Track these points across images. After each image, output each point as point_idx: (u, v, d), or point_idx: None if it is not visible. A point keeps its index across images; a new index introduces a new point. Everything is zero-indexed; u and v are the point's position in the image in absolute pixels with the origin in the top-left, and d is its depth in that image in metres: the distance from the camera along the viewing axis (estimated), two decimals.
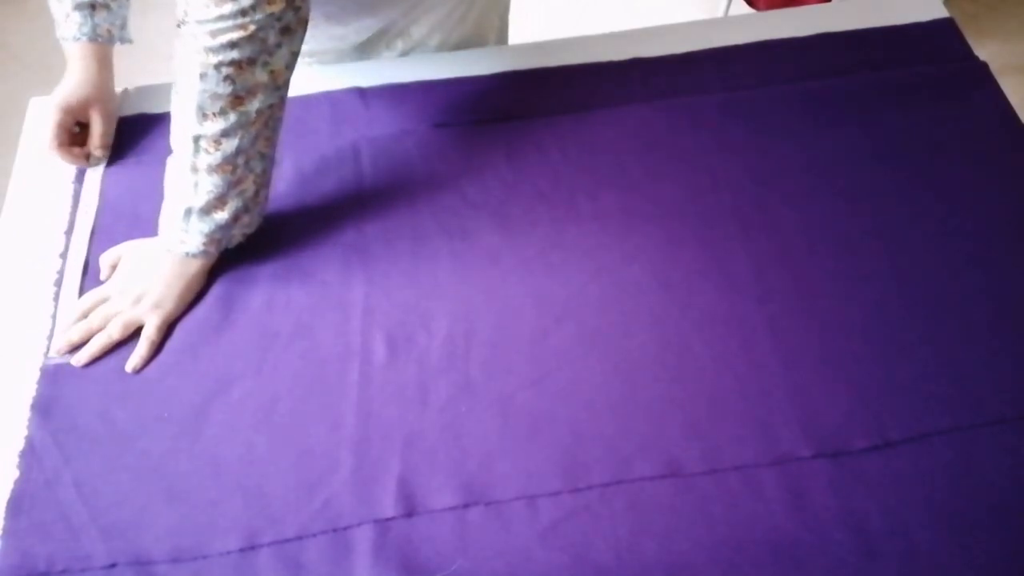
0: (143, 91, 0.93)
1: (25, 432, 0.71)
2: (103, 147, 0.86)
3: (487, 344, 0.74)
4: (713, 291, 0.76)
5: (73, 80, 0.83)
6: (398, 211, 0.83)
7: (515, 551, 0.64)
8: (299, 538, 0.65)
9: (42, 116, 0.91)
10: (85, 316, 0.75)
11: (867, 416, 0.69)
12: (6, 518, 0.67)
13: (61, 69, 0.84)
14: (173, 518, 0.66)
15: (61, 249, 0.82)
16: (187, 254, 0.74)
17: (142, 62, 0.87)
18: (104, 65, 0.85)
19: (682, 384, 0.71)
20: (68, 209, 0.84)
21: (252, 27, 0.63)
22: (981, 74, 0.90)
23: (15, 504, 0.67)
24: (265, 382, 0.72)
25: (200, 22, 0.63)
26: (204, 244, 0.73)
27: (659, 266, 0.78)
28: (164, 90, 0.92)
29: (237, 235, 0.76)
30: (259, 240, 0.80)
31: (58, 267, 0.80)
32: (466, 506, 0.66)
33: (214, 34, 0.63)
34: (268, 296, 0.77)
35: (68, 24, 0.82)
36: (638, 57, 0.93)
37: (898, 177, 0.83)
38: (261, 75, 0.66)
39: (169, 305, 0.75)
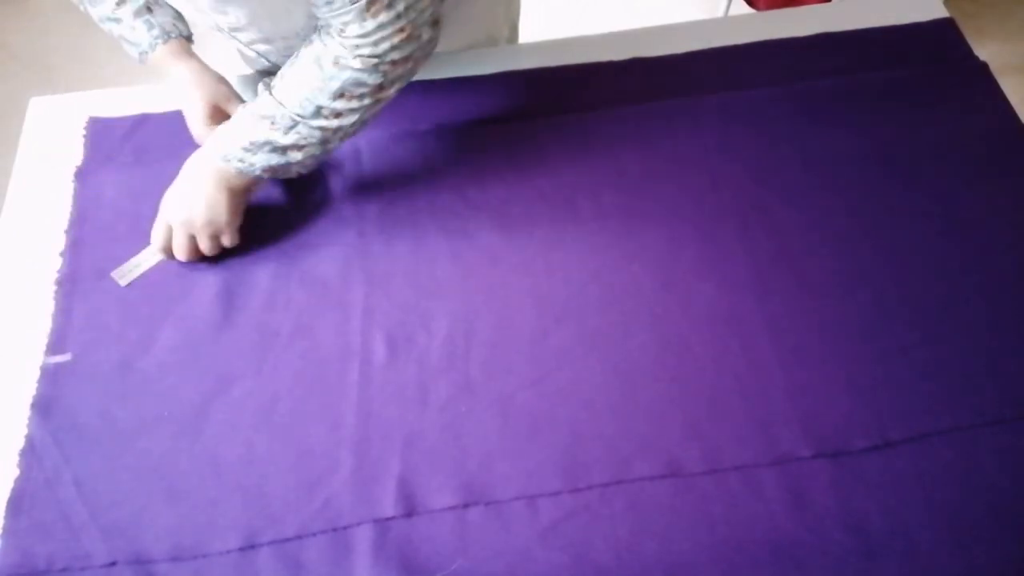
0: (143, 91, 0.93)
1: (25, 431, 0.71)
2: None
3: (487, 344, 0.74)
4: (713, 291, 0.76)
5: (193, 84, 0.81)
6: (398, 211, 0.83)
7: (515, 551, 0.64)
8: (299, 537, 0.65)
9: (42, 116, 0.91)
10: (161, 244, 0.78)
11: (867, 416, 0.69)
12: (6, 517, 0.67)
13: (61, 69, 0.84)
14: (173, 517, 0.66)
15: (61, 249, 0.82)
16: (239, 171, 0.75)
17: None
18: (193, 55, 0.83)
19: (682, 384, 0.71)
20: (68, 209, 0.84)
21: (409, 28, 0.67)
22: (981, 74, 0.90)
23: (15, 503, 0.67)
24: (265, 382, 0.73)
25: (361, 35, 0.66)
26: (262, 170, 0.75)
27: (659, 266, 0.78)
28: (164, 90, 0.93)
29: (293, 172, 0.77)
30: (259, 240, 0.80)
31: (58, 267, 0.80)
32: (466, 506, 0.66)
33: (377, 43, 0.67)
34: (268, 296, 0.77)
35: (138, 34, 0.80)
36: (638, 57, 0.93)
37: (898, 177, 0.83)
38: (409, 66, 0.71)
39: (222, 220, 0.76)
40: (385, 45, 0.67)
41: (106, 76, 1.67)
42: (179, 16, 0.83)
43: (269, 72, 0.93)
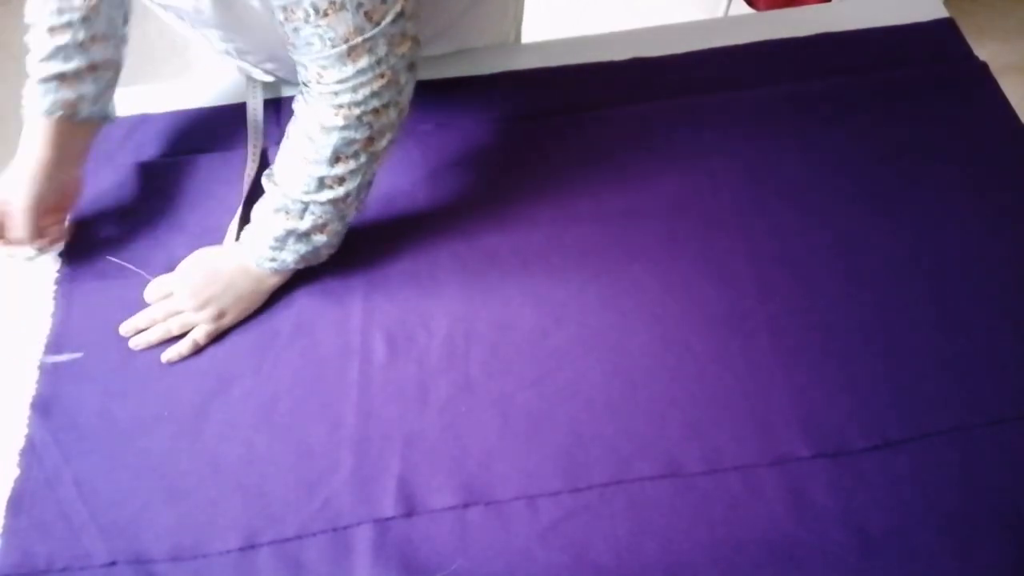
0: (143, 91, 0.93)
1: (25, 431, 0.71)
2: (35, 244, 0.77)
3: (487, 344, 0.74)
4: (713, 291, 0.76)
5: (11, 168, 0.75)
6: (398, 211, 0.83)
7: (515, 551, 0.64)
8: (299, 537, 0.65)
9: None
10: (152, 297, 0.76)
11: (867, 416, 0.69)
12: (6, 516, 0.67)
13: None
14: (173, 517, 0.66)
15: (61, 249, 0.82)
16: (274, 271, 0.75)
17: (142, 62, 0.87)
18: (47, 146, 0.74)
19: (682, 384, 0.71)
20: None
21: (389, 73, 0.65)
22: (981, 74, 0.90)
23: (15, 502, 0.67)
24: (265, 381, 0.73)
25: (341, 81, 0.64)
26: (295, 263, 0.74)
27: (659, 266, 0.78)
28: (164, 90, 0.93)
29: (324, 255, 0.76)
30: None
31: (58, 267, 0.80)
32: (466, 506, 0.66)
33: (355, 88, 0.64)
34: (268, 296, 0.77)
35: (29, 96, 0.74)
36: (638, 57, 0.93)
37: (898, 177, 0.83)
38: (392, 114, 0.68)
39: (230, 318, 0.75)
40: (365, 91, 0.64)
41: None
42: (98, 96, 0.77)
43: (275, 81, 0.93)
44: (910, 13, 0.96)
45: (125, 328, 0.75)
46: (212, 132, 0.89)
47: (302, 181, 0.69)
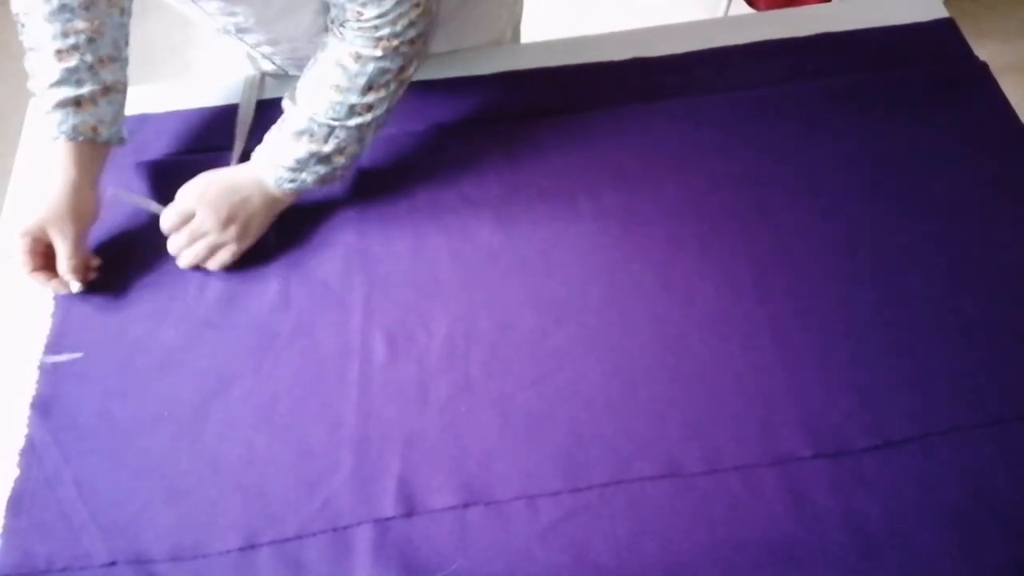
0: (143, 91, 0.93)
1: (25, 431, 0.71)
2: (72, 272, 0.75)
3: (487, 344, 0.74)
4: (713, 291, 0.76)
5: (38, 194, 0.74)
6: (398, 211, 0.83)
7: (515, 551, 0.64)
8: (299, 537, 0.65)
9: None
10: (171, 227, 0.77)
11: (867, 416, 0.69)
12: (6, 516, 0.67)
13: None
14: (173, 517, 0.66)
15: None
16: (292, 190, 0.77)
17: (142, 62, 0.87)
18: (80, 172, 0.74)
19: (682, 384, 0.71)
20: None
21: (424, 2, 0.69)
22: (981, 74, 0.90)
23: (15, 502, 0.67)
24: (265, 381, 0.73)
25: (381, 15, 0.68)
26: (314, 184, 0.76)
27: (659, 266, 0.78)
28: (164, 90, 0.93)
29: (338, 176, 0.78)
30: (259, 240, 0.80)
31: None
32: (466, 506, 0.66)
33: (395, 20, 0.68)
34: (268, 296, 0.77)
35: (46, 123, 0.73)
36: (638, 57, 0.93)
37: (898, 177, 0.83)
38: (421, 43, 0.72)
39: (251, 237, 0.78)
40: (403, 22, 0.68)
41: None
42: (114, 119, 0.77)
43: (274, 75, 0.93)
44: (910, 13, 0.96)
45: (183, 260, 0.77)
46: (212, 132, 0.89)
47: (331, 107, 0.72)
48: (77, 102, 0.74)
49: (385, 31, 0.69)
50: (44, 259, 0.75)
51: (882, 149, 0.85)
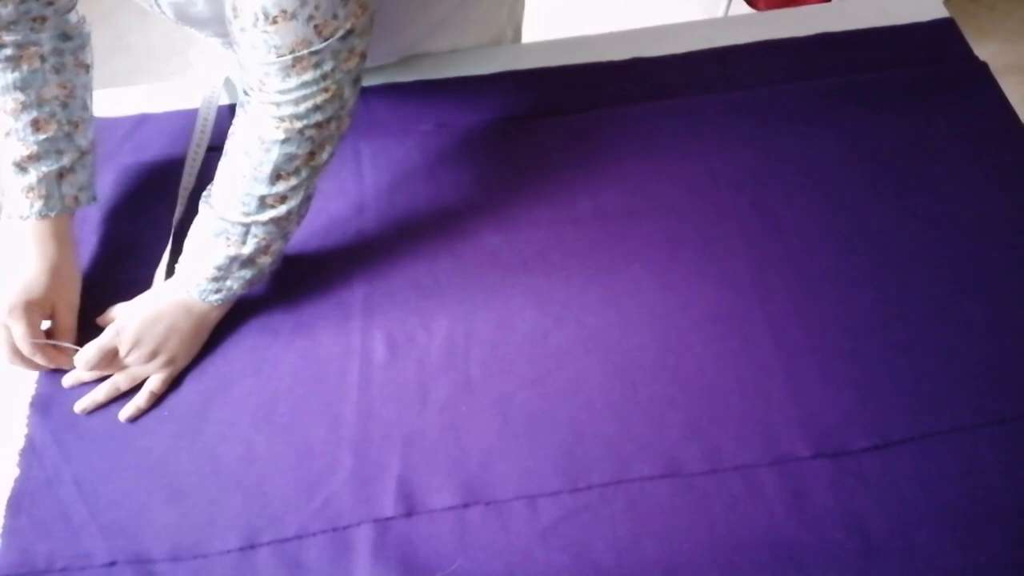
0: (143, 91, 0.93)
1: (25, 431, 0.71)
2: (71, 339, 0.73)
3: (487, 344, 0.74)
4: (713, 291, 0.76)
5: (32, 270, 0.71)
6: (398, 211, 0.83)
7: (515, 551, 0.64)
8: (299, 537, 0.65)
9: None
10: (89, 365, 0.70)
11: (867, 416, 0.69)
12: (6, 516, 0.67)
13: None
14: (173, 517, 0.66)
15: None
16: (220, 302, 0.72)
17: (142, 62, 0.87)
18: (70, 242, 0.74)
19: (682, 384, 0.71)
20: None
21: (333, 87, 0.63)
22: (981, 74, 0.90)
23: (15, 502, 0.67)
24: (265, 381, 0.73)
25: (283, 92, 0.62)
26: (241, 289, 0.72)
27: (659, 266, 0.78)
28: (164, 90, 0.93)
29: (267, 273, 0.74)
30: None
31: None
32: (466, 506, 0.66)
33: (298, 102, 0.62)
34: (268, 296, 0.77)
35: (31, 199, 0.71)
36: (638, 57, 0.93)
37: (898, 177, 0.83)
38: (334, 127, 0.66)
39: (182, 361, 0.73)
40: (307, 105, 0.62)
41: (106, 76, 1.67)
42: (91, 182, 0.76)
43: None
44: (910, 13, 0.96)
45: (79, 405, 0.71)
46: (212, 132, 0.89)
47: (240, 203, 0.67)
48: (60, 174, 0.72)
49: (287, 110, 0.62)
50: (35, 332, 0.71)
51: (882, 149, 0.85)
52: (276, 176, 0.66)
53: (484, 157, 0.86)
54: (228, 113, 0.89)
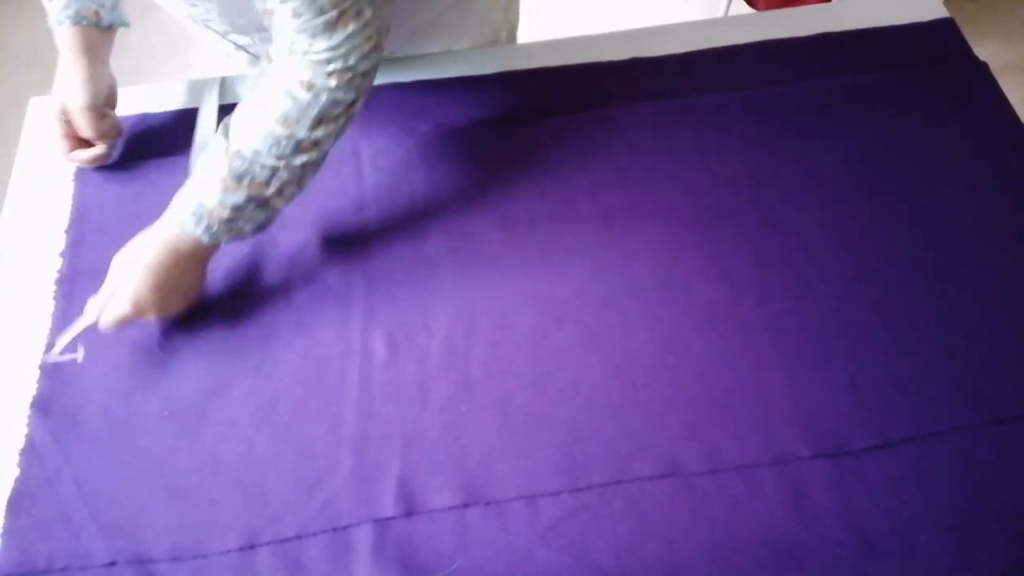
0: (143, 91, 0.93)
1: (25, 431, 0.71)
2: (98, 140, 0.83)
3: (487, 344, 0.74)
4: (713, 291, 0.76)
5: (60, 77, 0.80)
6: (398, 211, 0.83)
7: (515, 551, 0.64)
8: (299, 537, 0.65)
9: (41, 116, 0.92)
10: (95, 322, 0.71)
11: (867, 416, 0.69)
12: (6, 516, 0.67)
13: None
14: (173, 516, 0.66)
15: (61, 249, 0.82)
16: (229, 241, 0.71)
17: (142, 62, 0.87)
18: (87, 52, 0.79)
19: (682, 384, 0.71)
20: (68, 209, 0.84)
21: (375, 36, 0.65)
22: (981, 74, 0.90)
23: (15, 502, 0.67)
24: (265, 381, 0.73)
25: (332, 48, 0.63)
26: (252, 232, 0.71)
27: (659, 266, 0.78)
28: (164, 90, 0.93)
29: (273, 220, 0.73)
30: (259, 239, 0.80)
31: (58, 267, 0.80)
32: (466, 506, 0.66)
33: (347, 55, 0.64)
34: (268, 296, 0.77)
35: (52, 7, 0.79)
36: (638, 57, 0.93)
37: (898, 177, 0.83)
38: (371, 78, 0.68)
39: (192, 297, 0.74)
40: (356, 56, 0.64)
41: None
42: (114, 4, 0.81)
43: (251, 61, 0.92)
44: (910, 13, 0.96)
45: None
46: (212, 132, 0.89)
47: (276, 142, 0.66)
48: None
49: (337, 64, 0.64)
50: (78, 141, 0.83)
51: (882, 149, 0.85)
52: (319, 121, 0.66)
53: (484, 157, 0.86)
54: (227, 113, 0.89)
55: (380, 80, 0.92)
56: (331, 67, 0.64)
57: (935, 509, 0.64)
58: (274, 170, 0.67)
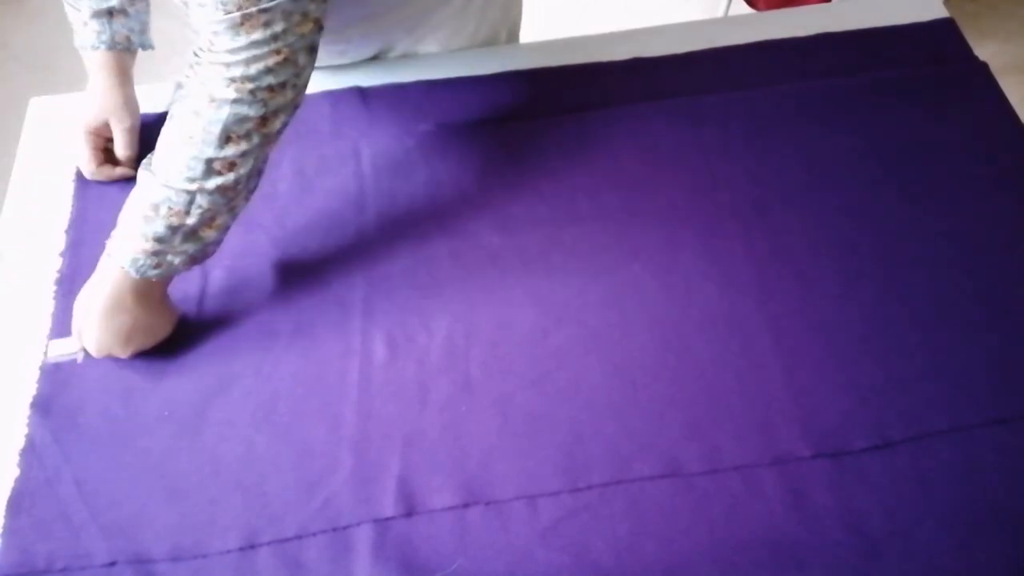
0: (143, 91, 0.93)
1: (25, 431, 0.71)
2: (127, 159, 0.86)
3: (487, 344, 0.74)
4: (713, 291, 0.76)
5: (93, 96, 0.84)
6: (398, 211, 0.83)
7: (515, 551, 0.64)
8: (299, 537, 0.65)
9: (42, 116, 0.92)
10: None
11: (867, 416, 0.69)
12: (6, 516, 0.67)
13: (61, 69, 0.84)
14: (173, 517, 0.66)
15: (61, 249, 0.82)
16: (158, 277, 0.68)
17: (142, 62, 0.87)
18: (122, 74, 0.84)
19: (682, 384, 0.71)
20: (68, 209, 0.84)
21: (285, 51, 0.62)
22: (981, 74, 0.90)
23: (15, 502, 0.67)
24: (265, 381, 0.73)
25: (232, 51, 0.60)
26: (182, 265, 0.68)
27: (659, 266, 0.78)
28: (164, 90, 0.93)
29: (210, 252, 0.70)
30: (259, 240, 0.81)
31: (58, 267, 0.80)
32: (466, 506, 0.66)
33: (248, 62, 0.61)
34: (268, 296, 0.77)
35: (86, 32, 0.81)
36: (638, 57, 0.93)
37: (898, 177, 0.83)
38: (289, 95, 0.65)
39: (163, 332, 0.74)
40: (258, 66, 0.61)
41: None
42: (143, 29, 0.84)
43: None
44: (910, 13, 0.96)
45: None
46: None
47: (185, 167, 0.63)
48: (110, 13, 0.81)
49: (237, 71, 0.61)
50: (105, 155, 0.86)
51: (882, 149, 0.85)
52: (226, 138, 0.63)
53: (484, 157, 0.86)
54: None
55: (380, 80, 0.92)
56: (230, 72, 0.61)
57: (935, 509, 0.64)
58: (191, 196, 0.64)
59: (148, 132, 0.89)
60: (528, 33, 1.07)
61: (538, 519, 0.65)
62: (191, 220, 0.65)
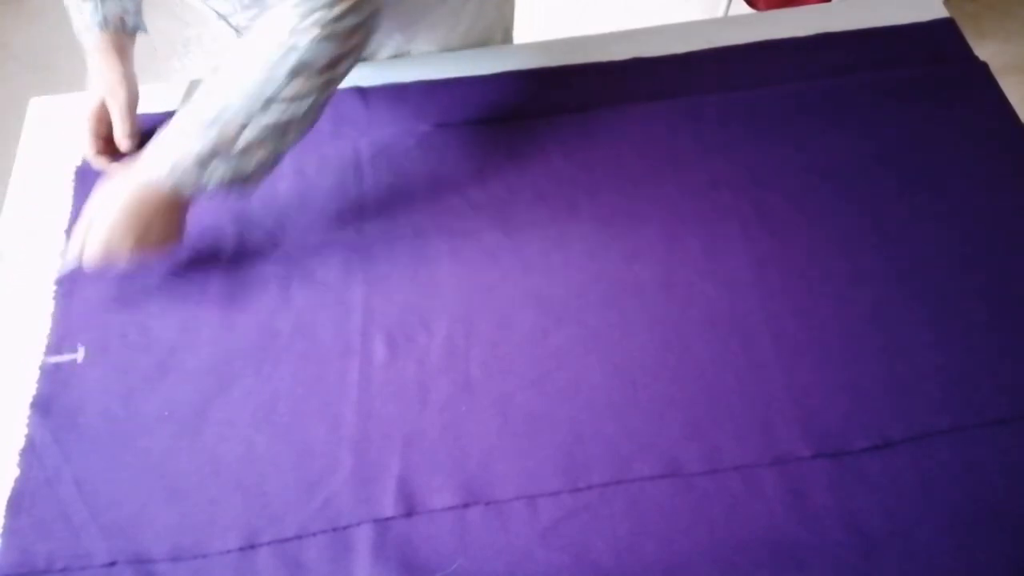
0: (143, 91, 0.93)
1: (25, 431, 0.71)
2: (126, 138, 0.83)
3: (487, 344, 0.74)
4: (713, 291, 0.76)
5: (90, 79, 0.83)
6: (398, 211, 0.83)
7: (515, 551, 0.64)
8: (299, 537, 0.65)
9: (42, 116, 0.92)
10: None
11: (867, 416, 0.69)
12: (6, 516, 0.67)
13: (61, 69, 0.84)
14: (173, 516, 0.66)
15: (61, 249, 0.82)
16: (197, 191, 0.68)
17: (142, 62, 0.87)
18: (120, 53, 0.83)
19: (682, 384, 0.71)
20: (68, 209, 0.84)
21: None
22: (981, 74, 0.90)
23: (15, 502, 0.67)
24: (265, 381, 0.73)
25: None
26: (220, 185, 0.68)
27: (659, 266, 0.78)
28: (164, 90, 0.93)
29: (250, 182, 0.70)
30: (259, 240, 0.80)
31: (58, 267, 0.80)
32: (466, 506, 0.66)
33: (331, 4, 0.63)
34: (268, 296, 0.77)
35: (81, 16, 0.81)
36: (638, 57, 0.93)
37: (898, 177, 0.83)
38: (361, 37, 0.67)
39: (155, 247, 0.73)
40: (341, 7, 0.63)
41: None
42: (137, 10, 0.84)
43: None
44: (910, 13, 0.96)
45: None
46: None
47: (247, 92, 0.65)
48: None
49: (320, 14, 0.63)
50: (105, 143, 0.83)
51: (882, 149, 0.85)
52: (293, 74, 0.65)
53: (484, 157, 0.86)
54: None
55: (380, 80, 0.92)
56: (313, 17, 0.63)
57: (935, 509, 0.64)
58: (247, 119, 0.65)
59: (150, 131, 0.89)
60: (528, 33, 1.07)
61: (538, 519, 0.65)
62: (237, 146, 0.66)
